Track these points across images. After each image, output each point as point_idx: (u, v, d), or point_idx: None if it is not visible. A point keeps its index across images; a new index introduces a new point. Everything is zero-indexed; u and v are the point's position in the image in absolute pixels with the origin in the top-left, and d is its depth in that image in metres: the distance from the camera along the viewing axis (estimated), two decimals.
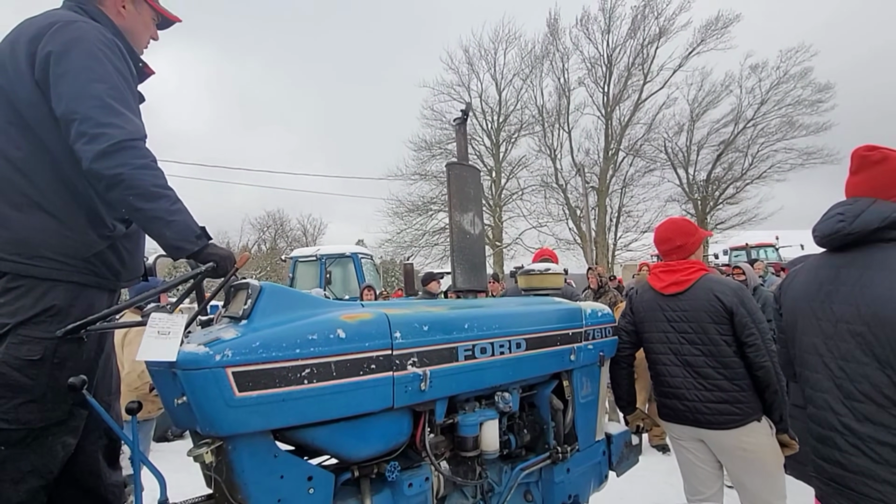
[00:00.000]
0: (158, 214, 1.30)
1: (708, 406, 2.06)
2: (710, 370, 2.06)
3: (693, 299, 2.12)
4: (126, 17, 1.59)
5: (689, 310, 2.13)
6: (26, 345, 1.27)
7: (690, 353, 2.11)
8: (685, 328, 2.14)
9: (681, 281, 2.17)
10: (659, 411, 2.30)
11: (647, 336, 2.28)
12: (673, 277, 2.20)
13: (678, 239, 2.25)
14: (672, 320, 2.18)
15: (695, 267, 2.19)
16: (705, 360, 2.07)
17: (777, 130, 22.49)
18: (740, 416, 2.01)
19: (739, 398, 2.02)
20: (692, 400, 2.10)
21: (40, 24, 1.37)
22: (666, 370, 2.19)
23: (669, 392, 2.18)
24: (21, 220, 1.31)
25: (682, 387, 2.13)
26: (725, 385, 2.03)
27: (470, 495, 1.77)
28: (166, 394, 1.28)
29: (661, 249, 2.33)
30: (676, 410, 2.16)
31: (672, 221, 2.34)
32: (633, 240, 23.27)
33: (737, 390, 2.02)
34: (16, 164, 1.33)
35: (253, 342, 1.22)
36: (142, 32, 1.65)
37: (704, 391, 2.07)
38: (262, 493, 1.28)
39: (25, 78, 1.34)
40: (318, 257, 11.11)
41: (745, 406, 2.01)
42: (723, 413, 2.02)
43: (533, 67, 23.62)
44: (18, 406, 1.26)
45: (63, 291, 1.34)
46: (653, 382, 2.33)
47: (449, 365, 1.59)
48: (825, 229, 1.54)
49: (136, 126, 1.35)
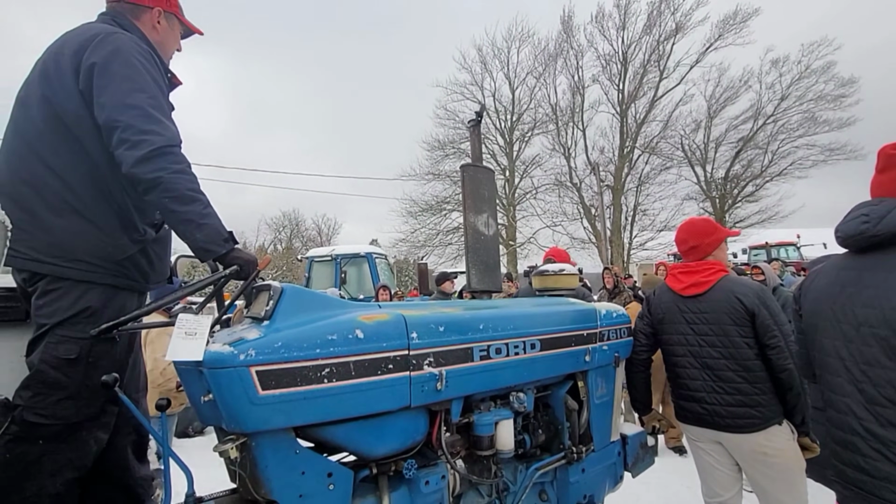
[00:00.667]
0: (191, 217, 1.37)
1: (727, 409, 2.03)
2: (730, 373, 2.03)
3: (713, 301, 2.10)
4: (160, 32, 1.68)
5: (708, 311, 2.11)
6: (63, 344, 1.34)
7: (710, 355, 2.09)
8: (705, 330, 2.11)
9: (700, 282, 2.15)
10: (677, 413, 2.28)
11: (666, 338, 2.26)
12: (692, 279, 2.18)
13: (692, 240, 2.23)
14: (691, 322, 2.16)
15: (715, 268, 2.17)
16: (725, 363, 2.05)
17: (798, 126, 21.94)
18: (761, 420, 1.98)
19: (760, 401, 1.99)
20: (711, 403, 2.07)
21: (82, 36, 1.45)
22: (685, 373, 2.17)
23: (688, 395, 2.17)
24: (61, 225, 1.38)
25: (702, 389, 2.11)
26: (746, 388, 2.01)
27: (485, 493, 1.80)
28: (193, 391, 1.33)
29: (679, 250, 2.31)
30: (695, 413, 2.14)
31: (689, 222, 2.32)
32: (648, 238, 22.96)
33: (757, 393, 1.99)
34: (56, 171, 1.41)
35: (275, 342, 1.26)
36: (171, 45, 1.75)
37: (724, 394, 2.04)
38: (284, 488, 1.32)
39: (70, 88, 1.41)
40: (333, 257, 11.23)
41: (765, 409, 1.98)
42: (743, 416, 2.00)
43: (546, 65, 23.48)
44: (55, 402, 1.32)
45: (98, 294, 1.41)
46: (671, 385, 2.32)
47: (464, 365, 1.62)
48: (848, 230, 1.52)
49: (173, 133, 1.43)
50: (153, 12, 1.68)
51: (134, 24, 1.63)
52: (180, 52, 1.83)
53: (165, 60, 1.72)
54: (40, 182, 1.39)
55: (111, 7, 1.65)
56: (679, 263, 2.34)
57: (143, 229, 1.54)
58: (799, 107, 21.81)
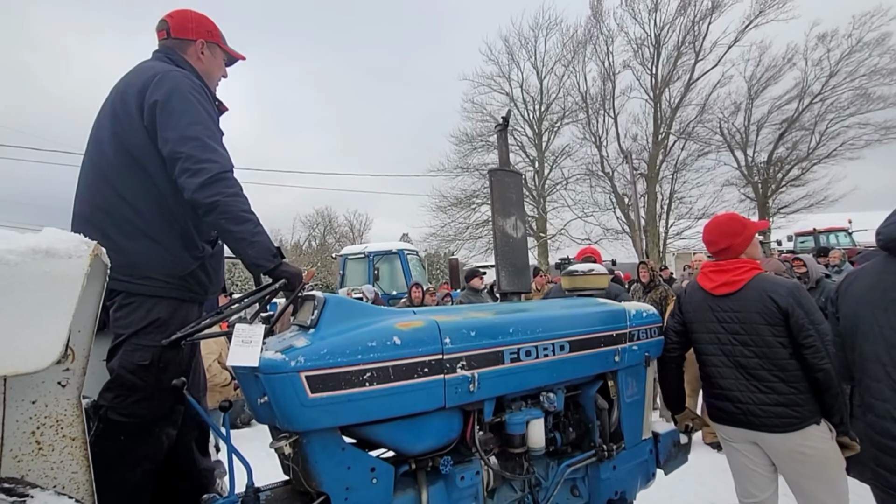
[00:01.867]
0: (244, 236, 1.53)
1: (762, 409, 2.01)
2: (764, 372, 2.02)
3: (745, 300, 2.08)
4: (204, 62, 1.84)
5: (740, 311, 2.09)
6: (138, 352, 1.51)
7: (743, 354, 2.07)
8: (737, 329, 2.10)
9: (732, 281, 2.13)
10: (710, 413, 2.27)
11: (697, 337, 2.26)
12: (724, 277, 2.16)
13: (722, 241, 2.21)
14: (723, 321, 2.14)
15: (747, 266, 2.14)
16: (759, 362, 2.03)
17: (849, 104, 20.60)
18: (798, 420, 1.96)
19: (797, 401, 1.96)
20: (745, 402, 2.06)
21: (143, 76, 1.64)
22: (717, 371, 2.17)
23: (721, 394, 2.16)
24: (132, 247, 1.56)
25: (735, 389, 2.10)
26: (781, 388, 1.98)
27: (518, 489, 1.88)
28: (250, 393, 1.47)
29: (710, 251, 2.29)
30: (729, 413, 2.13)
31: (717, 223, 2.29)
32: (686, 227, 22.22)
33: (794, 393, 1.97)
34: (126, 199, 1.59)
35: (321, 349, 1.39)
36: (215, 73, 1.91)
37: (759, 393, 2.03)
38: (332, 481, 1.45)
39: (136, 125, 1.60)
40: (366, 255, 11.52)
41: (802, 409, 1.96)
42: (779, 416, 1.98)
43: (575, 53, 23.01)
44: (133, 403, 1.50)
45: (165, 306, 1.58)
46: (703, 384, 2.31)
47: (495, 367, 1.70)
48: (891, 233, 1.49)
49: (227, 159, 1.60)
50: (197, 44, 1.85)
51: (183, 59, 1.80)
52: (226, 77, 1.98)
53: (212, 88, 1.88)
54: (113, 209, 1.58)
55: (162, 45, 1.84)
56: (710, 262, 2.32)
57: (202, 246, 1.71)
58: (850, 83, 20.46)
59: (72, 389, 0.89)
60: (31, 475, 0.82)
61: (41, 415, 0.86)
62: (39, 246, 0.72)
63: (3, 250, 0.70)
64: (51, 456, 0.86)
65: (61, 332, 0.72)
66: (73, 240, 0.78)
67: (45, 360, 0.70)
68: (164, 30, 1.83)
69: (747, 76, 22.04)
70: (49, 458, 0.85)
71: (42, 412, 0.86)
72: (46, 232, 0.77)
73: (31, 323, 0.70)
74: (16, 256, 0.70)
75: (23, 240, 0.73)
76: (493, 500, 1.79)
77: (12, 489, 0.67)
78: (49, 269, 0.72)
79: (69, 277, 0.74)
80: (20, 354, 0.69)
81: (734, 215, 2.38)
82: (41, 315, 0.70)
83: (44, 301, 0.70)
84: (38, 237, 0.75)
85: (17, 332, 0.69)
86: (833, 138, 21.12)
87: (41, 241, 0.73)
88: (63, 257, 0.74)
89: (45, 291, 0.70)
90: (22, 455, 0.83)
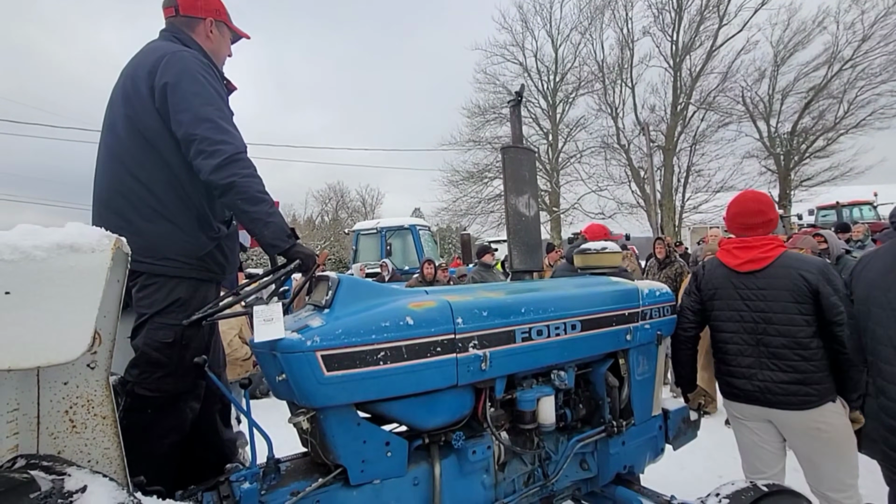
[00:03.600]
0: (259, 216, 1.55)
1: (781, 387, 2.02)
2: (787, 351, 2.01)
3: (772, 277, 2.05)
4: (213, 40, 1.82)
5: (766, 288, 2.06)
6: (161, 330, 1.57)
7: (766, 332, 2.06)
8: (762, 307, 2.07)
9: (759, 258, 2.09)
10: (723, 391, 2.28)
11: (717, 314, 2.24)
12: (750, 254, 2.12)
13: (770, 211, 2.14)
14: (747, 299, 2.11)
15: (774, 243, 2.10)
16: (782, 341, 2.02)
17: (882, 71, 19.53)
18: (816, 397, 1.97)
19: (816, 379, 1.97)
20: (763, 380, 2.06)
21: (152, 56, 1.63)
22: (736, 349, 2.16)
23: (739, 371, 2.15)
24: (150, 230, 1.59)
25: (754, 367, 2.09)
26: (803, 366, 1.98)
27: (528, 462, 1.94)
28: (269, 371, 1.52)
29: (745, 223, 2.18)
30: (745, 391, 2.13)
31: (757, 194, 2.22)
32: (703, 201, 21.73)
33: (814, 371, 1.97)
34: (142, 181, 1.61)
35: (336, 329, 1.42)
36: (223, 52, 1.90)
37: (779, 372, 2.03)
38: (349, 454, 1.51)
39: (148, 107, 1.60)
40: (378, 230, 11.57)
41: (821, 387, 1.97)
42: (797, 394, 1.99)
43: (592, 19, 22.10)
44: (158, 379, 1.56)
45: (185, 287, 1.62)
46: (717, 362, 2.31)
47: (507, 346, 1.73)
48: None
49: (240, 140, 1.61)
50: (206, 22, 1.83)
51: (191, 37, 1.78)
52: (231, 56, 1.96)
53: (220, 67, 1.87)
54: (130, 192, 1.60)
55: (169, 23, 1.82)
56: (734, 238, 2.27)
57: (217, 227, 1.73)
58: (884, 48, 19.37)
59: (100, 371, 0.94)
60: (66, 451, 0.88)
61: (73, 395, 0.91)
62: (64, 241, 0.75)
63: (31, 246, 0.73)
64: (84, 433, 0.91)
65: (88, 324, 0.75)
66: (96, 234, 0.80)
67: (75, 351, 0.74)
68: (171, 6, 1.81)
69: (774, 41, 21.00)
70: (82, 435, 0.91)
71: (74, 392, 0.91)
72: (70, 227, 0.80)
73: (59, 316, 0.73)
74: (42, 252, 0.73)
75: (48, 235, 0.76)
76: (504, 473, 1.85)
77: (51, 467, 0.72)
78: (74, 264, 0.75)
79: (93, 271, 0.77)
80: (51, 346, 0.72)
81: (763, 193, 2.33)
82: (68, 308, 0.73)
83: (70, 294, 0.73)
84: (63, 232, 0.78)
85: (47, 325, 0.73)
86: (862, 107, 20.13)
87: (65, 236, 0.76)
88: (87, 252, 0.77)
89: (71, 285, 0.73)
90: (57, 433, 0.89)
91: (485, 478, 1.78)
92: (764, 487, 1.71)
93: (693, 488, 2.17)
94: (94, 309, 0.76)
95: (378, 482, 1.56)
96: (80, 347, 0.75)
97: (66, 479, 0.72)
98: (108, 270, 0.78)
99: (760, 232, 2.15)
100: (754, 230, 2.16)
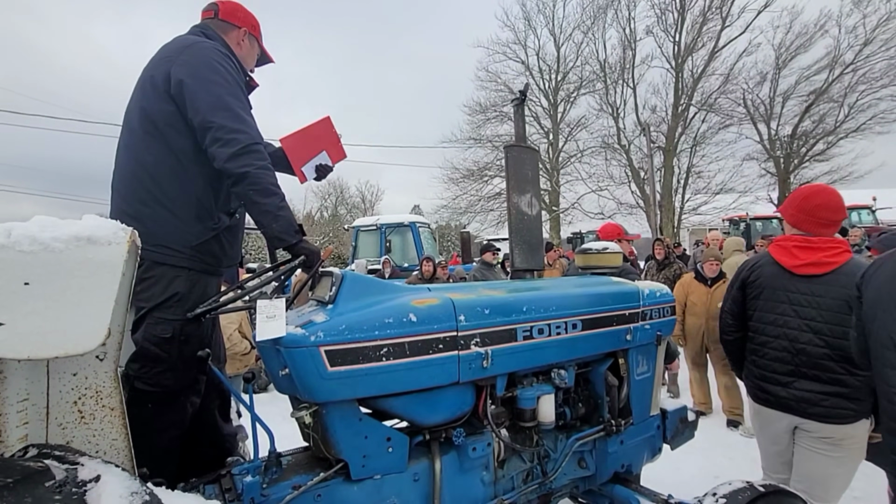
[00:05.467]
0: (270, 209, 1.56)
1: (819, 397, 1.90)
2: (831, 363, 1.88)
3: (833, 285, 1.88)
4: (242, 49, 1.88)
5: (823, 296, 1.90)
6: (160, 325, 1.57)
7: (811, 342, 1.92)
8: (812, 315, 1.92)
9: (823, 262, 1.90)
10: (752, 393, 2.19)
11: (759, 315, 2.10)
12: (813, 257, 1.92)
13: (841, 213, 1.94)
14: (796, 304, 1.96)
15: (841, 247, 1.92)
16: (827, 353, 1.89)
17: (882, 75, 19.55)
18: (854, 414, 1.87)
19: (860, 395, 1.86)
20: (800, 389, 1.94)
21: (172, 48, 1.65)
22: (774, 355, 2.04)
23: (772, 378, 2.05)
24: (149, 215, 1.60)
25: (792, 375, 1.98)
26: (847, 380, 1.87)
27: (527, 460, 1.95)
28: (272, 366, 1.53)
29: (826, 219, 1.96)
30: (777, 397, 2.02)
31: (834, 193, 2.01)
32: (702, 203, 21.76)
33: (859, 386, 1.85)
34: (147, 168, 1.61)
35: (340, 325, 1.43)
36: (248, 64, 1.93)
37: (818, 383, 1.91)
38: (350, 449, 1.52)
39: (161, 92, 1.60)
40: (378, 227, 11.56)
41: (862, 403, 1.87)
42: (836, 407, 1.88)
43: (595, 18, 22.08)
44: (158, 374, 1.57)
45: (183, 280, 1.62)
46: (749, 363, 2.20)
47: (508, 345, 1.74)
48: None
49: (257, 131, 1.62)
50: (240, 31, 1.88)
51: (220, 37, 1.81)
52: (253, 72, 1.98)
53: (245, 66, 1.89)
54: (135, 178, 1.61)
55: (204, 21, 1.85)
56: (795, 236, 2.04)
57: (218, 217, 1.73)
58: (885, 52, 19.38)
59: (109, 363, 0.95)
60: (75, 441, 0.89)
61: (82, 386, 0.91)
62: (81, 233, 0.75)
63: (49, 238, 0.73)
64: (92, 424, 0.92)
65: (104, 316, 0.76)
66: (112, 227, 0.81)
67: (91, 342, 0.75)
68: (212, 10, 1.85)
69: (776, 44, 21.00)
70: (91, 426, 0.92)
71: (83, 384, 0.91)
72: (87, 219, 0.80)
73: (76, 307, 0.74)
74: (61, 244, 0.73)
75: (65, 227, 0.77)
76: (504, 470, 1.86)
77: (63, 457, 0.73)
78: (91, 256, 0.76)
79: (110, 264, 0.77)
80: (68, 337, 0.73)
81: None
82: (85, 300, 0.74)
83: (87, 286, 0.74)
84: (80, 225, 0.78)
85: (64, 315, 0.73)
86: (863, 111, 20.17)
87: (83, 228, 0.77)
88: (104, 244, 0.77)
89: (88, 277, 0.74)
90: (66, 423, 0.89)
91: (484, 474, 1.80)
92: (760, 487, 1.73)
93: (689, 488, 2.18)
94: (111, 301, 0.77)
95: (379, 477, 1.57)
96: (96, 339, 0.76)
97: (79, 468, 0.72)
98: (123, 263, 0.79)
99: (832, 232, 1.95)
100: (828, 229, 1.95)
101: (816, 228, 1.98)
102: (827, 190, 2.05)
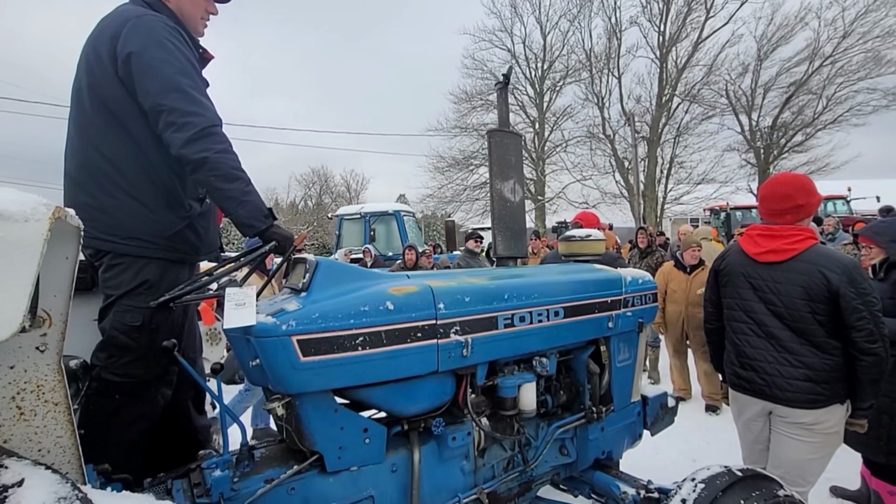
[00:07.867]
0: (234, 195, 1.47)
1: (790, 382, 1.93)
2: (797, 346, 1.92)
3: (792, 271, 1.92)
4: (183, 5, 1.67)
5: (782, 282, 1.94)
6: (129, 313, 1.49)
7: (776, 325, 1.97)
8: (772, 300, 1.97)
9: (782, 249, 1.95)
10: (730, 381, 2.21)
11: (727, 302, 2.16)
12: (774, 244, 1.98)
13: (800, 197, 1.95)
14: (758, 289, 2.01)
15: (803, 235, 1.95)
16: (792, 336, 1.93)
17: (860, 68, 19.95)
18: (825, 398, 1.88)
19: (829, 378, 1.87)
20: (772, 374, 1.97)
21: (115, 21, 1.51)
22: (745, 340, 2.08)
23: (746, 363, 2.08)
24: (115, 207, 1.51)
25: (762, 359, 2.01)
26: (815, 363, 1.89)
27: (508, 448, 1.93)
28: (243, 356, 1.46)
29: (775, 208, 2.02)
30: (752, 383, 2.05)
31: (791, 177, 2.07)
32: (684, 192, 22.07)
33: (827, 370, 1.87)
34: (106, 156, 1.51)
35: (313, 313, 1.37)
36: (195, 12, 1.72)
37: (788, 367, 1.93)
38: (325, 441, 1.47)
39: (110, 75, 1.49)
40: (362, 215, 11.43)
41: (833, 387, 1.88)
42: (806, 392, 1.90)
43: (581, 7, 21.97)
44: (127, 363, 1.50)
45: (154, 268, 1.54)
46: (727, 349, 2.23)
47: (489, 333, 1.70)
48: None
49: (214, 113, 1.51)
50: None
51: (161, 2, 1.65)
52: (216, 14, 1.81)
53: (196, 34, 1.75)
54: (94, 167, 1.51)
55: None
56: (760, 224, 2.11)
57: (189, 205, 1.65)
58: (862, 45, 19.73)
59: (51, 354, 0.87)
60: (13, 440, 0.81)
61: (20, 380, 0.84)
62: None
63: None
64: (33, 421, 0.85)
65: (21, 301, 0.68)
66: (30, 202, 0.72)
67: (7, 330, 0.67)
68: None
69: (758, 35, 21.21)
70: (32, 423, 0.84)
71: (21, 377, 0.84)
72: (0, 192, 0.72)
73: None
74: None
75: None
76: (484, 458, 1.84)
77: None
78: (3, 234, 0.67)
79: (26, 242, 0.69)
80: None
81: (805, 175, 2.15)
82: None
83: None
84: None
85: None
86: (840, 103, 20.59)
87: None
88: (19, 221, 0.69)
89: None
90: (3, 420, 0.82)
91: (464, 464, 1.77)
92: (738, 472, 1.74)
93: (668, 472, 2.20)
94: (28, 284, 0.68)
95: (355, 469, 1.53)
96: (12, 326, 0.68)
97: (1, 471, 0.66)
98: (43, 242, 0.71)
99: (789, 219, 1.99)
100: (781, 216, 2.00)
101: (769, 217, 2.06)
102: (774, 181, 2.10)
